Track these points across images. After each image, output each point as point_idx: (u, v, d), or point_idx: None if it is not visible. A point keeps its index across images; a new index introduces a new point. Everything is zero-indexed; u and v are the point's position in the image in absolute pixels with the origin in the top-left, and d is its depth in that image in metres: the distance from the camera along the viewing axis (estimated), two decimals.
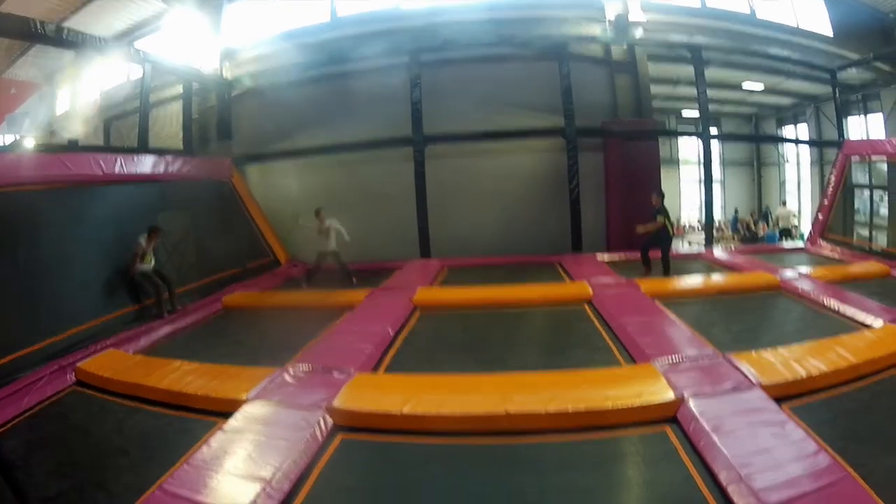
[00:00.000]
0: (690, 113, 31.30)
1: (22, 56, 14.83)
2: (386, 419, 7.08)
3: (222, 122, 19.49)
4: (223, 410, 7.36)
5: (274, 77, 19.56)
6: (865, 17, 21.70)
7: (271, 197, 19.95)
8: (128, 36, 18.37)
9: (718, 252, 18.67)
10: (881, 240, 17.43)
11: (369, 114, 19.06)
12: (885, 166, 17.58)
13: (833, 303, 11.46)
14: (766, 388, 7.36)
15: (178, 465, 6.04)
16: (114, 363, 9.35)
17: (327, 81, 19.59)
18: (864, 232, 18.35)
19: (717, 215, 32.37)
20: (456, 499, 5.75)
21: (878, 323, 9.95)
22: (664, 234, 15.05)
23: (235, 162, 18.98)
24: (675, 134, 33.08)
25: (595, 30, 19.99)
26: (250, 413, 7.17)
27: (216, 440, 6.45)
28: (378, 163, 19.42)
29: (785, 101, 31.26)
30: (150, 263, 12.32)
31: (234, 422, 6.94)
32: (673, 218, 15.70)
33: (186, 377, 8.41)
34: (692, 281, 14.32)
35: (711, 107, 24.09)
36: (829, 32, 22.08)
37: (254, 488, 5.50)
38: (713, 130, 25.69)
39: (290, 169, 20.07)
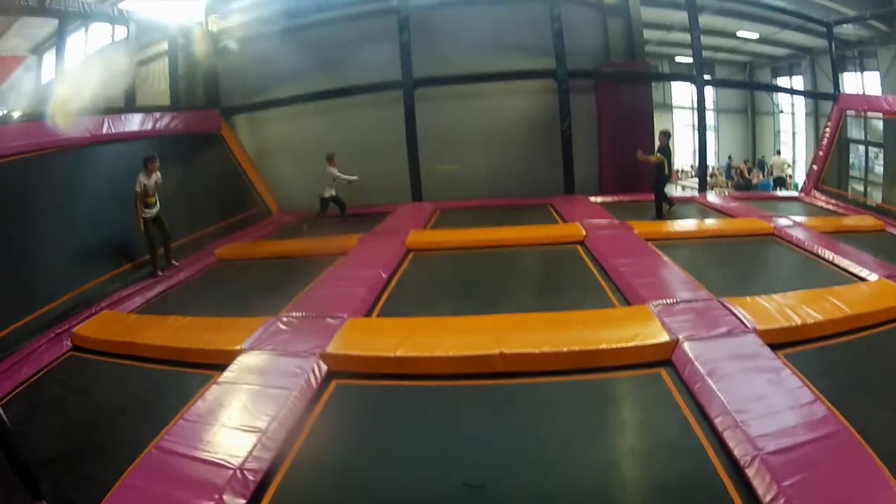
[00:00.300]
0: (684, 59, 31.03)
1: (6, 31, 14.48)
2: (379, 363, 7.11)
3: (209, 75, 19.14)
4: (218, 363, 7.33)
5: (260, 26, 19.12)
6: None
7: (261, 146, 19.84)
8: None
9: (712, 197, 18.72)
10: (876, 195, 17.31)
11: (358, 59, 18.77)
12: (881, 123, 17.43)
13: (827, 253, 11.42)
14: (761, 334, 7.37)
15: (174, 420, 6.05)
16: (109, 325, 9.24)
17: (315, 28, 19.13)
18: (859, 186, 18.32)
19: (711, 161, 32.33)
20: (451, 440, 5.78)
21: (873, 277, 9.92)
22: (660, 174, 15.09)
23: (223, 113, 18.80)
24: (669, 78, 32.79)
25: None
26: (245, 364, 7.15)
27: (212, 393, 6.45)
28: (368, 107, 19.14)
29: (780, 51, 30.92)
30: (155, 206, 11.88)
31: (230, 373, 6.93)
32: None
33: (181, 332, 8.39)
34: (686, 224, 14.39)
35: (705, 53, 23.83)
36: None
37: (250, 440, 5.50)
38: (707, 76, 25.42)
39: (279, 118, 19.82)
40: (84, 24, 15.40)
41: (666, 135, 15.32)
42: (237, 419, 5.85)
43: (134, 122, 14.19)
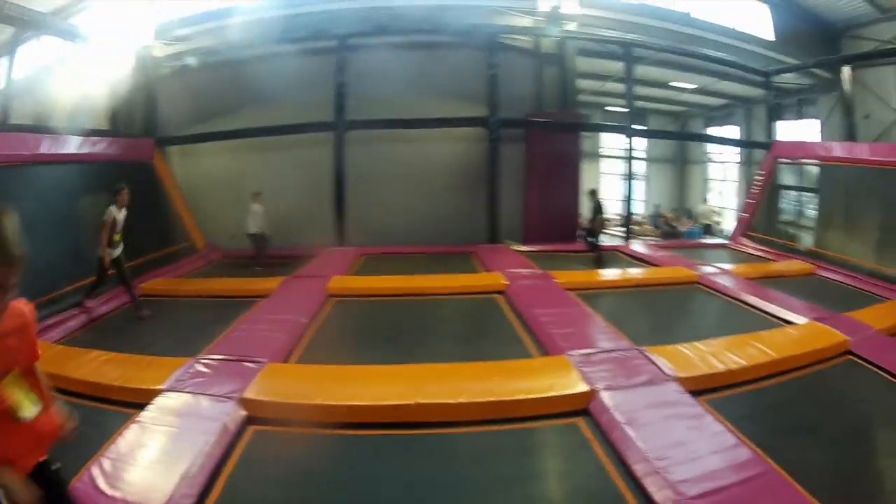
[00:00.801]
0: (617, 108, 31.58)
1: None
2: (297, 410, 6.95)
3: (148, 102, 18.88)
4: (139, 401, 7.09)
5: (201, 57, 19.00)
6: (812, 24, 22.26)
7: (191, 179, 19.49)
8: (62, 13, 17.65)
9: (637, 246, 18.96)
10: (807, 240, 17.88)
11: (293, 98, 18.59)
12: (815, 169, 18.06)
13: (753, 299, 11.63)
14: (682, 381, 7.38)
15: (94, 458, 5.77)
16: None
17: (253, 64, 18.96)
18: (790, 231, 18.87)
19: (640, 210, 32.84)
20: (367, 491, 5.66)
21: (801, 320, 10.10)
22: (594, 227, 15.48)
23: (158, 143, 18.44)
24: (601, 129, 33.36)
25: (526, 21, 19.93)
26: (164, 404, 6.94)
27: (132, 432, 6.23)
28: (299, 148, 19.16)
29: (716, 101, 31.77)
30: (119, 245, 11.31)
31: (149, 413, 6.70)
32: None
33: (103, 367, 8.11)
34: (609, 274, 14.43)
35: (639, 103, 24.32)
36: (771, 37, 22.44)
37: (170, 482, 5.31)
38: (639, 126, 25.88)
39: (211, 152, 19.62)
40: (35, 36, 15.35)
41: (594, 193, 15.68)
42: (156, 461, 5.69)
43: (73, 144, 13.81)
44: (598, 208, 15.54)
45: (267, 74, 18.18)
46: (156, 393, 7.18)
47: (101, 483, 5.30)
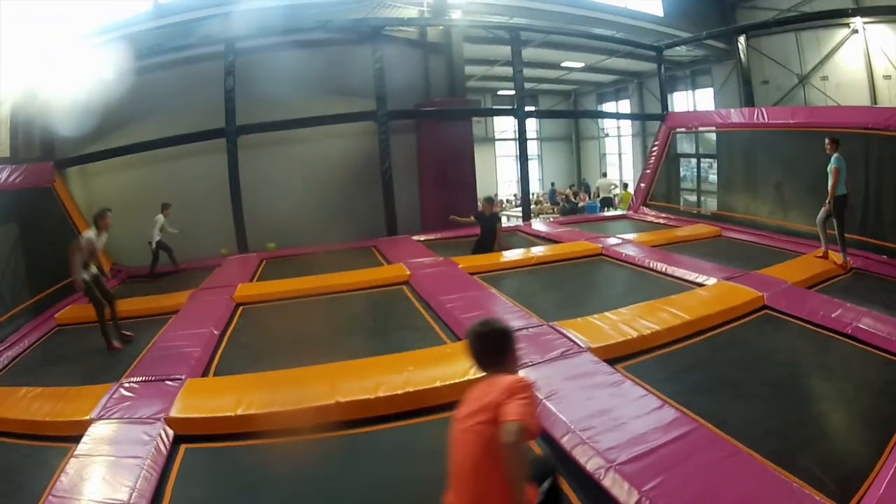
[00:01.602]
0: (507, 91, 31.83)
1: None
2: (221, 423, 6.89)
3: (44, 124, 18.29)
4: (73, 434, 6.94)
5: (92, 72, 18.47)
6: None
7: (91, 200, 18.62)
8: None
9: (537, 224, 19.17)
10: (710, 204, 18.38)
11: (185, 106, 18.36)
12: (713, 136, 18.49)
13: (660, 265, 11.85)
14: (596, 351, 7.47)
15: (43, 498, 5.65)
16: None
17: (144, 74, 18.51)
18: (692, 198, 19.36)
19: (536, 189, 33.18)
20: (299, 496, 5.62)
21: (710, 281, 10.33)
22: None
23: (57, 165, 17.76)
24: (490, 113, 33.82)
25: (412, 12, 20.12)
26: (96, 434, 6.79)
27: (72, 467, 6.07)
28: (193, 156, 18.77)
29: (607, 77, 32.42)
30: (92, 268, 10.76)
31: (84, 445, 6.55)
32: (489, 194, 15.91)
33: (33, 404, 7.87)
34: (511, 255, 14.42)
35: (530, 84, 24.57)
36: (660, 12, 22.86)
37: None
38: (530, 108, 26.08)
39: (108, 169, 19.01)
40: None
41: (489, 201, 15.33)
42: (101, 493, 5.55)
43: None
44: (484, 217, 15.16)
45: (157, 85, 18.05)
46: (87, 424, 7.02)
47: None
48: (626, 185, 31.16)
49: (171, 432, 6.72)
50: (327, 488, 5.67)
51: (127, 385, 7.98)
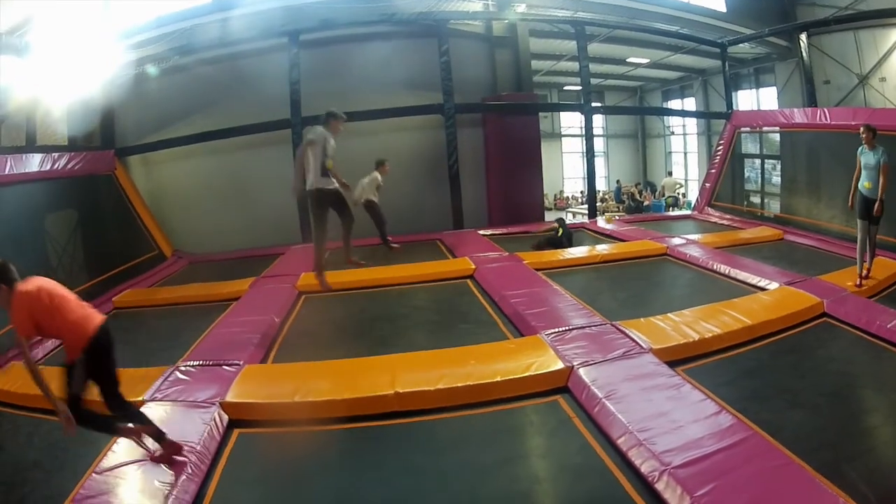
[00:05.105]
0: (573, 87, 31.67)
1: None
2: (278, 409, 6.98)
3: (106, 113, 18.63)
4: None
5: (155, 63, 18.75)
6: None
7: (154, 188, 19.25)
8: (14, 31, 17.29)
9: (602, 222, 19.04)
10: (773, 206, 18.04)
11: (250, 98, 18.56)
12: (777, 136, 18.17)
13: (724, 267, 11.74)
14: (658, 353, 7.47)
15: (86, 475, 5.80)
16: (18, 377, 8.72)
17: (208, 66, 18.78)
18: (756, 199, 19.02)
19: (601, 186, 32.94)
20: (354, 484, 5.67)
21: (772, 285, 10.21)
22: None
23: (118, 154, 18.12)
24: (556, 108, 33.58)
25: (476, 6, 20.10)
26: (149, 415, 6.72)
27: (120, 446, 6.18)
28: (257, 147, 18.93)
29: (672, 74, 32.03)
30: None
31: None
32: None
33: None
34: (576, 252, 14.36)
35: (595, 80, 24.37)
36: (723, 8, 22.59)
37: (161, 492, 5.34)
38: (596, 104, 25.94)
39: (171, 158, 19.29)
40: None
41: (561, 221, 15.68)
42: (146, 473, 5.67)
43: (34, 163, 13.58)
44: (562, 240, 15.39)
45: (222, 76, 18.31)
46: (140, 405, 7.05)
47: (96, 497, 5.33)
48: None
49: (225, 417, 6.87)
50: (378, 477, 5.72)
51: (183, 368, 8.16)
